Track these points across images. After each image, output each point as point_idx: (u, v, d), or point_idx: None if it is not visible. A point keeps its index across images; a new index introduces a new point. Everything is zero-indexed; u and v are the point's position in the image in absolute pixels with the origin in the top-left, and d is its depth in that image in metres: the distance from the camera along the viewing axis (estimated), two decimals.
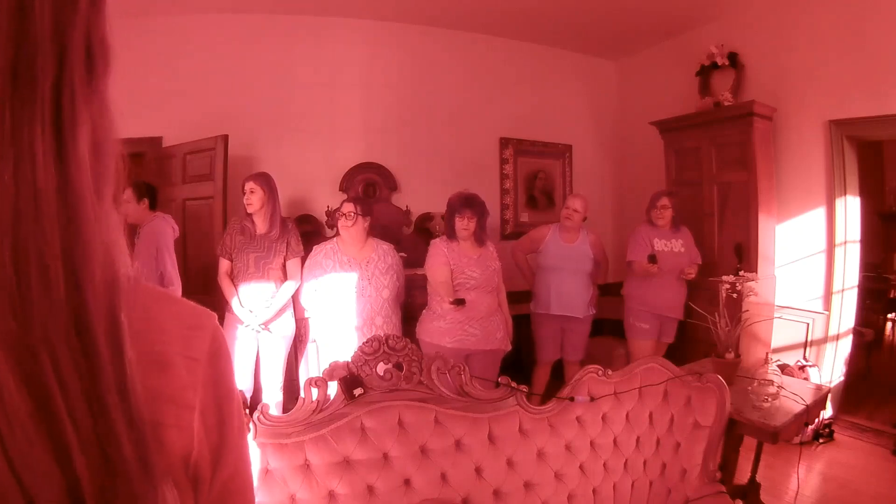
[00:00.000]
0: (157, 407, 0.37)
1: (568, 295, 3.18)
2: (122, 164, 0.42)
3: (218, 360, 0.43)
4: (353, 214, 2.65)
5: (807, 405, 1.96)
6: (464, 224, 2.70)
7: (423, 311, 2.85)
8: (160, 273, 2.76)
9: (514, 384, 1.58)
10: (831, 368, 3.28)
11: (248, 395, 2.85)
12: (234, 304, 2.70)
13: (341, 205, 2.75)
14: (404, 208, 4.00)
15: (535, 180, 4.62)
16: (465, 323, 2.68)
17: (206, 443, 0.40)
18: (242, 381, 2.79)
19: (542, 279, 3.27)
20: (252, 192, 2.67)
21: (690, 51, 4.00)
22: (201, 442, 0.40)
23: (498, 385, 1.58)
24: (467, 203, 2.72)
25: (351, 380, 1.41)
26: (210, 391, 0.41)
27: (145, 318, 0.39)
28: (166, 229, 2.83)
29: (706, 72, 3.86)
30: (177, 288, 2.78)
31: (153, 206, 2.90)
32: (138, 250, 2.76)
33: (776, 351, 3.31)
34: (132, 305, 0.37)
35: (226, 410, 0.43)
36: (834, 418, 3.24)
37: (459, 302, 2.58)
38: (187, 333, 0.41)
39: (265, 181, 2.72)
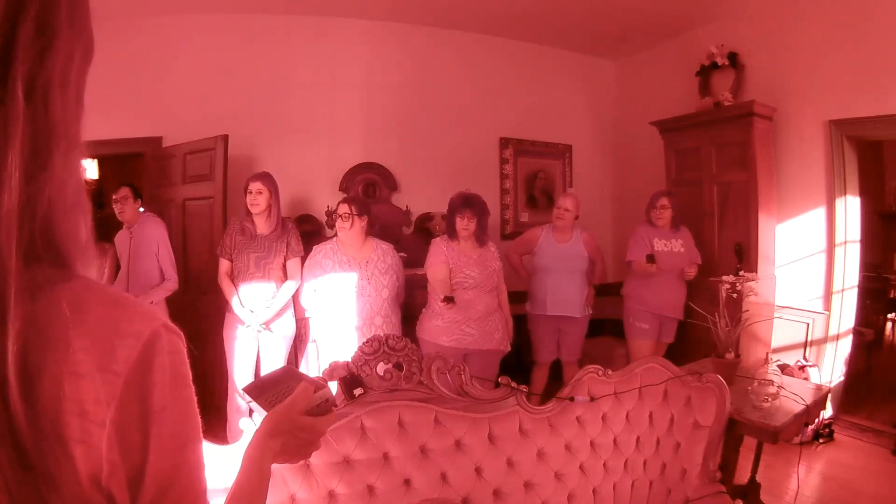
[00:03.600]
0: (64, 419, 0.35)
1: (563, 295, 3.18)
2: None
3: (148, 373, 0.39)
4: (348, 215, 2.64)
5: (807, 405, 1.96)
6: (464, 224, 2.71)
7: (423, 309, 2.86)
8: (160, 269, 2.90)
9: (514, 384, 1.58)
10: (831, 368, 3.28)
11: None
12: (235, 303, 2.70)
13: (337, 206, 2.75)
14: (404, 208, 4.00)
15: (535, 180, 4.62)
16: (462, 322, 2.68)
17: (121, 464, 0.37)
18: (243, 382, 2.79)
19: (537, 280, 3.26)
20: (260, 192, 2.68)
21: (690, 51, 4.00)
22: (114, 463, 0.37)
23: (498, 385, 1.58)
24: (467, 203, 2.72)
25: (351, 380, 1.41)
26: (131, 407, 0.38)
27: (75, 322, 0.37)
28: (163, 227, 2.96)
29: (706, 72, 3.86)
30: (174, 283, 2.92)
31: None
32: (136, 249, 2.83)
33: (776, 351, 3.31)
34: (60, 306, 0.37)
35: (154, 429, 0.39)
36: (834, 418, 3.24)
37: (449, 300, 2.57)
38: (113, 342, 0.38)
39: (271, 182, 2.73)
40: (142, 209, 3.03)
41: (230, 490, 0.61)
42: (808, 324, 3.35)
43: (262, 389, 0.73)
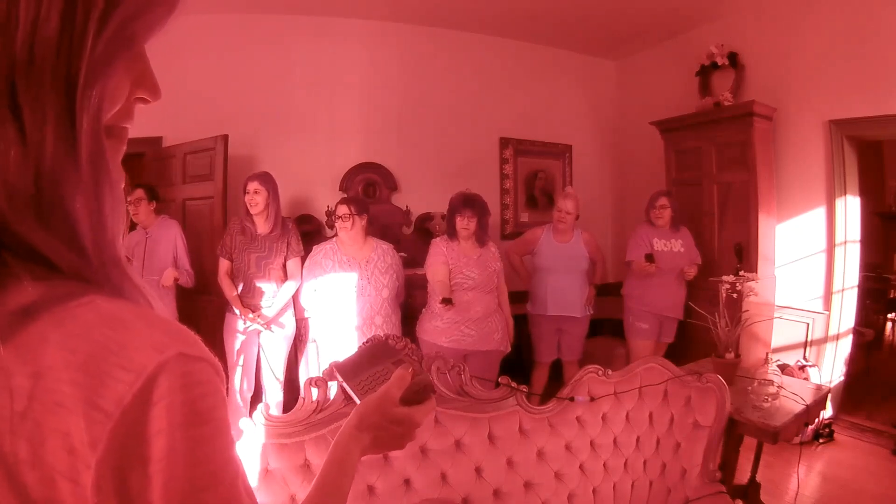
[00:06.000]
0: (53, 451, 0.31)
1: (564, 295, 3.18)
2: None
3: (146, 419, 0.32)
4: (348, 216, 2.65)
5: (807, 405, 1.96)
6: (464, 223, 2.71)
7: (423, 309, 2.86)
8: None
9: (514, 384, 1.58)
10: (831, 368, 3.28)
11: (250, 395, 2.85)
12: (234, 303, 2.71)
13: (336, 206, 2.75)
14: (404, 208, 4.00)
15: (535, 180, 4.62)
16: (461, 323, 2.68)
17: None
18: (244, 382, 2.80)
19: (538, 280, 3.27)
20: (257, 192, 2.68)
21: (690, 51, 4.00)
22: None
23: (498, 385, 1.58)
24: (468, 202, 2.72)
25: None
26: (125, 453, 0.31)
27: (70, 349, 0.32)
28: (180, 228, 2.98)
29: (706, 72, 3.86)
30: (192, 279, 2.96)
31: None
32: (152, 249, 2.83)
33: (776, 351, 3.31)
34: (57, 330, 0.32)
35: (157, 478, 0.32)
36: (834, 418, 3.24)
37: (447, 301, 2.57)
38: (108, 375, 0.31)
39: (269, 181, 2.73)
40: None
41: (315, 481, 0.59)
42: (808, 324, 3.35)
43: (356, 370, 0.67)
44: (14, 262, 0.33)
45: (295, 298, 2.81)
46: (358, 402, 0.63)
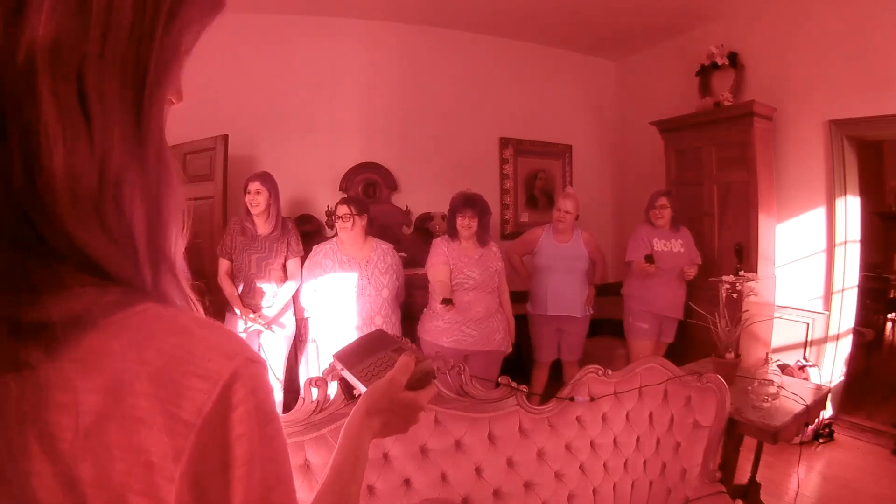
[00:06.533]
0: (123, 467, 0.30)
1: (564, 295, 3.18)
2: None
3: (229, 424, 0.32)
4: (348, 216, 2.65)
5: (807, 405, 1.96)
6: (465, 223, 2.71)
7: (425, 309, 2.86)
8: None
9: (514, 384, 1.58)
10: (831, 368, 3.28)
11: None
12: (235, 303, 2.71)
13: (336, 207, 2.75)
14: (404, 208, 4.00)
15: (535, 180, 4.62)
16: (462, 323, 2.68)
17: None
18: None
19: (538, 280, 3.27)
20: (258, 192, 2.68)
21: (690, 51, 4.00)
22: None
23: (498, 385, 1.58)
24: (469, 202, 2.72)
25: None
26: (207, 461, 0.31)
27: (136, 361, 0.31)
28: None
29: (706, 72, 3.86)
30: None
31: None
32: None
33: (776, 351, 3.31)
34: (127, 340, 0.31)
35: (238, 482, 0.32)
36: (834, 418, 3.24)
37: (447, 302, 2.57)
38: (183, 384, 0.31)
39: (270, 182, 2.73)
40: None
41: (328, 469, 0.60)
42: (808, 324, 3.35)
43: (357, 358, 0.70)
44: (60, 267, 0.31)
45: (295, 298, 2.81)
46: (363, 388, 0.65)
